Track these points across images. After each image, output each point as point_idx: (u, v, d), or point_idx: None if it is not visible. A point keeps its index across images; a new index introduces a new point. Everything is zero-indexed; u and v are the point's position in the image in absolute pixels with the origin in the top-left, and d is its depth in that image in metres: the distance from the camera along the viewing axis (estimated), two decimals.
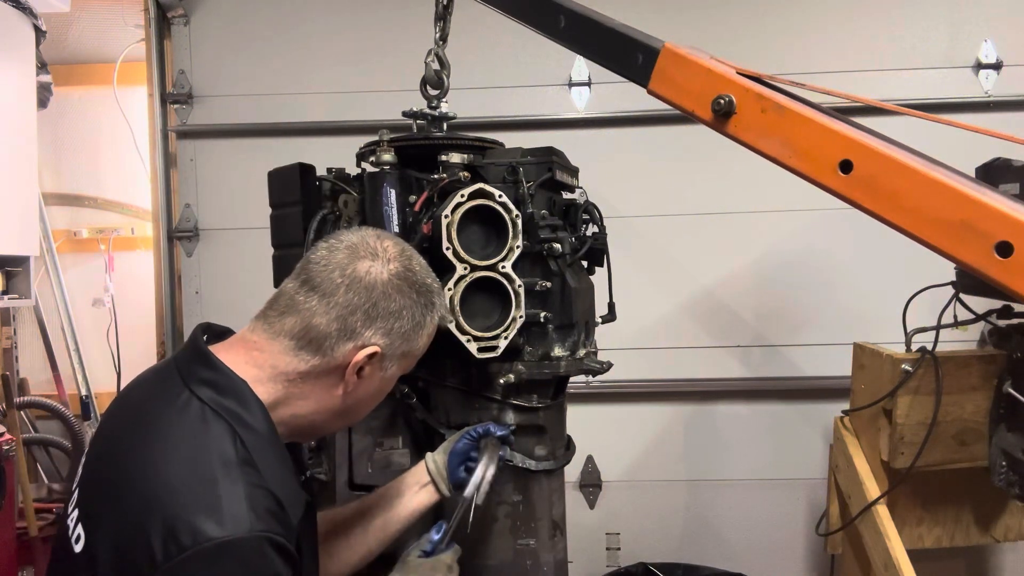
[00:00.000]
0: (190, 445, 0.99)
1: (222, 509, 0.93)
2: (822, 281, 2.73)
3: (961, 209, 1.02)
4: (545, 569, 1.60)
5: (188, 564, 0.90)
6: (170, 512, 0.92)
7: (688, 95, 1.28)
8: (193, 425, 1.00)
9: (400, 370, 1.16)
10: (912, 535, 2.20)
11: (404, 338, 1.12)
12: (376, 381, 1.13)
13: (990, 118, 2.67)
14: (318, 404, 1.10)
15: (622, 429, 2.81)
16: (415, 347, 1.15)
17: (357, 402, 1.14)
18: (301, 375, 1.08)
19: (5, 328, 3.14)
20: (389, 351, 1.11)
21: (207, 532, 0.91)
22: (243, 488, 0.96)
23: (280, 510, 0.99)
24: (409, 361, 1.17)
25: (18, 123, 2.56)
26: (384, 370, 1.13)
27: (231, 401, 1.03)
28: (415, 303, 1.12)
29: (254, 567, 0.93)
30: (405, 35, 2.71)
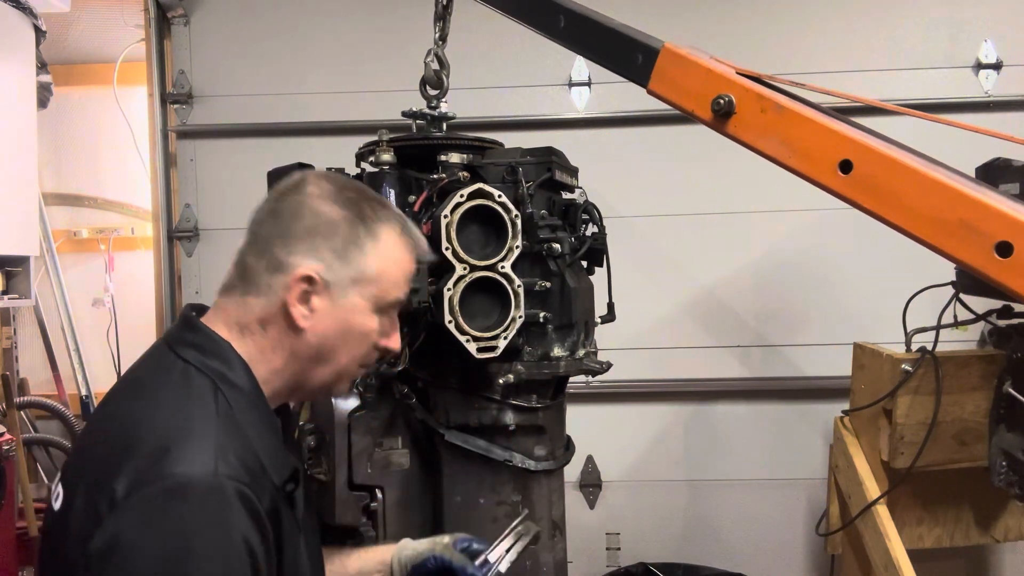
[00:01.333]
0: (171, 398, 0.98)
1: (191, 453, 0.91)
2: (822, 281, 2.73)
3: (961, 209, 1.02)
4: (545, 569, 1.60)
5: (145, 500, 0.87)
6: (136, 450, 0.90)
7: (688, 95, 1.28)
8: (176, 382, 1.00)
9: (365, 300, 1.07)
10: (912, 535, 2.20)
11: (340, 257, 1.05)
12: (334, 313, 1.05)
13: (990, 118, 2.66)
14: (286, 353, 1.06)
15: (622, 429, 2.81)
16: (366, 267, 1.06)
17: (322, 340, 1.06)
18: (260, 324, 1.05)
19: (5, 328, 3.15)
20: (329, 275, 1.04)
21: (169, 470, 0.88)
22: (217, 437, 0.94)
23: (259, 468, 0.96)
24: (375, 289, 1.07)
25: (18, 123, 2.56)
26: (336, 299, 1.05)
27: (215, 361, 1.02)
28: (340, 217, 1.05)
29: (211, 511, 0.89)
30: (405, 35, 2.70)
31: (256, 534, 0.92)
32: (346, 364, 1.10)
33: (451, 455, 1.57)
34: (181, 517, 0.88)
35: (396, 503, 1.60)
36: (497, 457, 1.54)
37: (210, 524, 0.89)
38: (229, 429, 0.96)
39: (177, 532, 0.87)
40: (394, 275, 1.10)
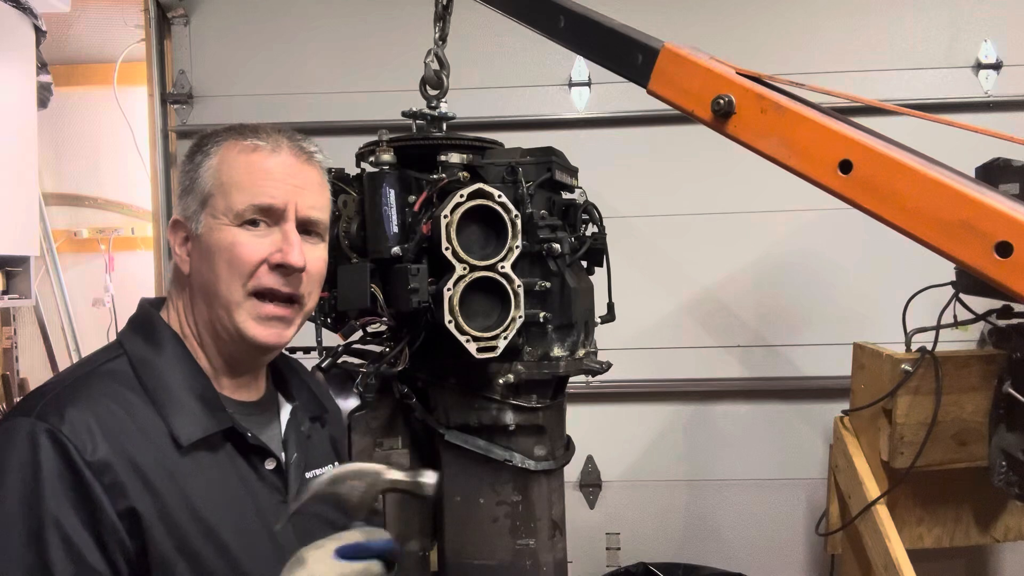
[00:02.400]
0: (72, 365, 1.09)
1: (34, 396, 0.99)
2: (822, 281, 2.73)
3: (961, 209, 1.02)
4: (545, 569, 1.60)
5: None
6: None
7: (688, 95, 1.28)
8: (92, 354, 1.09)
9: (217, 216, 1.05)
10: (912, 535, 2.20)
11: (188, 192, 1.09)
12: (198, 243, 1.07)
13: (990, 118, 2.66)
14: (188, 300, 1.09)
15: (622, 429, 2.81)
16: (203, 185, 1.07)
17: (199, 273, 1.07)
18: (174, 284, 1.12)
19: (5, 328, 3.14)
20: (187, 212, 1.08)
21: (8, 413, 0.99)
22: (68, 387, 0.99)
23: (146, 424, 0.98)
24: (219, 200, 1.05)
25: (18, 123, 2.56)
26: (196, 230, 1.06)
27: (139, 332, 1.09)
28: (186, 159, 1.12)
29: (14, 451, 0.91)
30: (405, 35, 2.71)
31: (72, 481, 0.91)
32: (230, 293, 1.04)
33: (451, 455, 1.57)
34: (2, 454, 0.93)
35: (396, 503, 1.60)
36: (497, 457, 1.54)
37: (18, 462, 0.91)
38: (99, 390, 0.99)
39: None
40: (234, 178, 1.05)
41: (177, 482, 0.98)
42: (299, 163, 1.10)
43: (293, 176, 1.08)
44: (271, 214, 1.06)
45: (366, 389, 1.52)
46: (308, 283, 1.08)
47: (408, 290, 1.43)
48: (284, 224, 1.06)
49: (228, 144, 1.09)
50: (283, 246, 1.05)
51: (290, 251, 1.04)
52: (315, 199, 1.10)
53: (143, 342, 1.07)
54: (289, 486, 1.09)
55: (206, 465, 1.02)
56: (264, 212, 1.05)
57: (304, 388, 1.24)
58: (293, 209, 1.06)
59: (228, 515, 1.01)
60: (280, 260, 1.04)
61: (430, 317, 1.47)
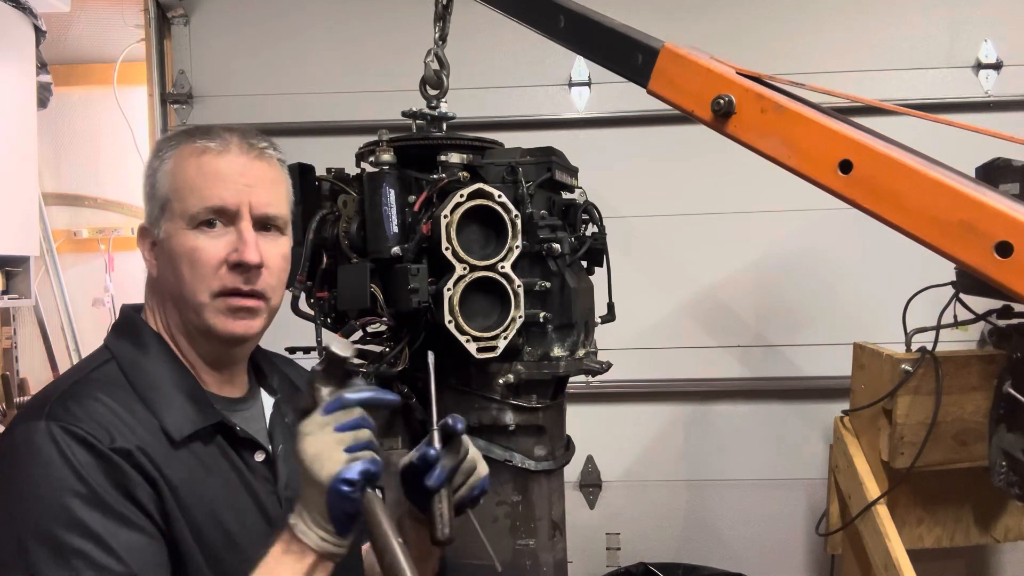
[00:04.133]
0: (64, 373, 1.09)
1: (36, 403, 0.99)
2: (822, 281, 2.73)
3: (961, 209, 1.02)
4: (545, 569, 1.60)
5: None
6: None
7: (688, 95, 1.28)
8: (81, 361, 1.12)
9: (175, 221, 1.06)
10: (912, 535, 2.20)
11: (149, 198, 1.10)
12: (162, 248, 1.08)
13: (990, 118, 2.66)
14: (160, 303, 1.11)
15: (622, 429, 2.81)
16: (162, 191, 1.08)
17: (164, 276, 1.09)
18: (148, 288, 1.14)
19: (5, 328, 3.14)
20: (151, 220, 1.10)
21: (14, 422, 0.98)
22: (67, 387, 1.00)
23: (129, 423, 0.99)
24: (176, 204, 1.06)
25: (18, 123, 2.56)
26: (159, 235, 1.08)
27: (125, 336, 1.10)
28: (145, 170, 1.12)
29: (38, 452, 0.92)
30: (405, 35, 2.70)
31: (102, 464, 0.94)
32: (195, 296, 1.06)
33: None
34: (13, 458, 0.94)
35: (396, 503, 1.59)
36: (497, 457, 1.54)
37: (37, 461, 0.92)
38: (97, 392, 1.00)
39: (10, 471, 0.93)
40: (186, 182, 1.06)
41: (180, 477, 1.00)
42: (249, 160, 1.09)
43: (243, 175, 1.08)
44: (225, 214, 1.06)
45: None
46: (269, 277, 1.10)
47: (408, 290, 1.43)
48: (240, 223, 1.07)
49: (180, 148, 1.09)
50: (239, 245, 1.06)
51: (245, 249, 1.05)
52: (268, 195, 1.10)
53: (130, 345, 1.09)
54: (279, 476, 1.13)
55: (202, 459, 1.04)
56: (218, 213, 1.06)
57: (285, 380, 1.26)
58: (247, 207, 1.07)
59: (231, 506, 1.05)
60: (237, 259, 1.05)
61: (430, 317, 1.47)
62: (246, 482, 1.08)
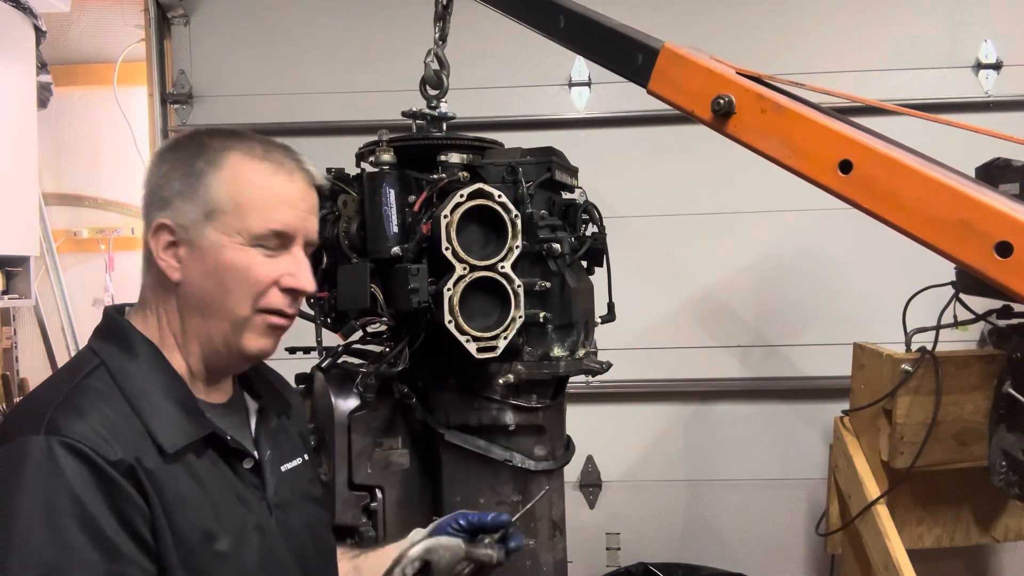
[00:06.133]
0: (49, 381, 1.04)
1: (26, 416, 0.95)
2: (822, 281, 2.73)
3: (961, 209, 1.02)
4: (545, 569, 1.60)
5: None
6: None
7: (688, 95, 1.28)
8: (64, 367, 1.06)
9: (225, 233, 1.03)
10: (912, 535, 2.20)
11: (184, 196, 1.04)
12: (199, 255, 1.04)
13: (990, 118, 2.66)
14: (176, 313, 1.06)
15: (622, 429, 2.81)
16: (213, 197, 1.03)
17: (199, 288, 1.04)
18: (151, 292, 1.08)
19: (5, 328, 3.14)
20: (181, 218, 1.04)
21: (8, 432, 0.94)
22: (62, 398, 0.96)
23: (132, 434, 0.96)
24: (233, 219, 1.03)
25: (18, 123, 2.56)
26: (195, 241, 1.03)
27: (112, 341, 1.05)
28: (174, 160, 1.06)
29: (36, 469, 0.89)
30: (405, 35, 2.69)
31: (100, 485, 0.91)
32: (238, 310, 1.05)
33: (451, 455, 1.57)
34: (9, 475, 0.90)
35: (396, 503, 1.60)
36: (497, 457, 1.54)
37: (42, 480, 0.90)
38: (91, 400, 0.97)
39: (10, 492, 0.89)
40: (253, 200, 1.04)
41: (175, 491, 0.98)
42: (309, 189, 1.12)
43: (305, 202, 1.10)
44: (283, 237, 1.07)
45: (366, 389, 1.52)
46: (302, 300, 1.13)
47: (408, 290, 1.43)
48: (293, 248, 1.08)
49: (238, 157, 1.06)
50: (294, 270, 1.07)
51: (301, 276, 1.08)
52: (316, 223, 1.13)
53: (117, 350, 1.04)
54: (266, 482, 1.11)
55: (195, 472, 1.01)
56: (278, 236, 1.06)
57: (267, 384, 1.24)
58: (303, 234, 1.09)
59: (225, 522, 1.02)
60: (294, 284, 1.07)
61: (430, 317, 1.47)
62: (238, 493, 1.06)
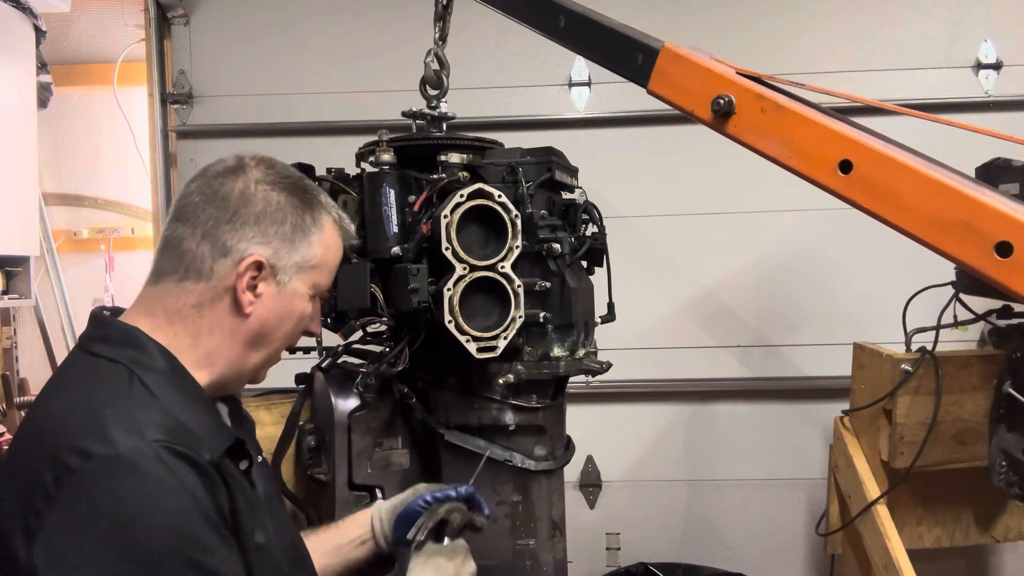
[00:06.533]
0: (81, 390, 0.97)
1: (109, 428, 0.89)
2: (822, 281, 2.73)
3: (961, 209, 1.02)
4: (545, 569, 1.60)
5: (80, 485, 0.86)
6: (56, 443, 0.89)
7: (688, 95, 1.28)
8: (85, 376, 0.99)
9: (306, 286, 1.09)
10: (912, 535, 2.20)
11: (288, 243, 1.06)
12: (278, 298, 1.07)
13: (990, 118, 2.66)
14: (225, 335, 1.05)
15: (622, 429, 2.81)
16: (311, 254, 1.08)
17: (263, 324, 1.07)
18: (195, 308, 1.04)
19: (5, 328, 3.14)
20: (276, 260, 1.06)
21: (93, 451, 0.87)
22: (136, 411, 0.93)
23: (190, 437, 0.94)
24: (315, 275, 1.10)
25: (18, 123, 2.56)
26: (281, 284, 1.07)
27: (127, 348, 1.00)
28: (287, 203, 1.07)
29: (153, 477, 0.88)
30: (404, 35, 2.71)
31: (205, 492, 0.92)
32: (279, 348, 1.13)
33: (451, 455, 1.57)
34: (120, 492, 0.87)
35: None
36: (497, 457, 1.54)
37: (153, 491, 0.88)
38: (145, 405, 0.95)
39: (118, 506, 0.86)
40: (332, 263, 1.15)
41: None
42: None
43: None
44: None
45: (366, 389, 1.52)
46: None
47: (408, 290, 1.42)
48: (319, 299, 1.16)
49: (329, 219, 1.13)
50: (317, 319, 1.18)
51: (319, 323, 1.20)
52: None
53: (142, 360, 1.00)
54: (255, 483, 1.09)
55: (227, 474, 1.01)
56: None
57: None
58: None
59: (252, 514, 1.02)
60: (315, 330, 1.19)
61: (430, 317, 1.47)
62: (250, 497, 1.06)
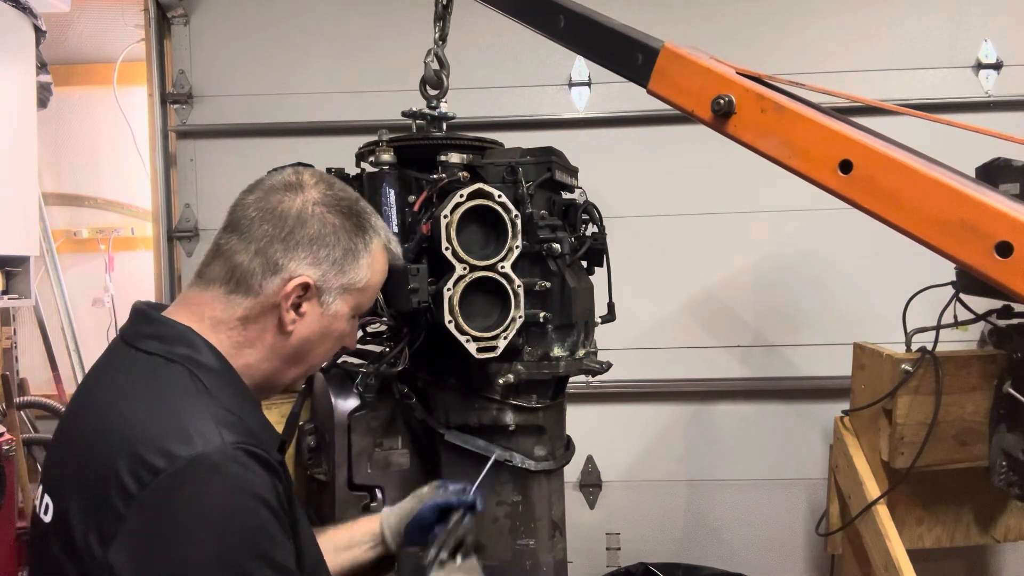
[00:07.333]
0: (145, 386, 0.97)
1: (189, 429, 0.90)
2: (822, 281, 2.73)
3: (961, 209, 1.02)
4: (545, 569, 1.60)
5: (164, 486, 0.86)
6: (135, 444, 0.89)
7: (688, 95, 1.28)
8: (145, 372, 0.99)
9: (349, 307, 1.09)
10: (912, 535, 2.20)
11: (337, 266, 1.06)
12: (320, 319, 1.07)
13: (990, 118, 2.66)
14: (265, 350, 1.06)
15: (622, 429, 2.81)
16: (358, 278, 1.08)
17: (303, 342, 1.07)
18: (240, 320, 1.04)
19: (5, 328, 3.14)
20: (323, 282, 1.06)
21: (177, 452, 0.88)
22: (209, 411, 0.94)
23: (254, 433, 0.96)
24: (359, 297, 1.10)
25: (18, 123, 2.56)
26: (325, 305, 1.07)
27: (180, 347, 1.00)
28: (340, 227, 1.07)
29: (235, 478, 0.89)
30: (405, 35, 2.71)
31: (274, 490, 0.93)
32: (317, 365, 1.15)
33: (451, 455, 1.57)
34: (205, 493, 0.88)
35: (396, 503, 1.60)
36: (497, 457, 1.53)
37: (235, 491, 0.89)
38: (215, 404, 0.95)
39: (206, 508, 0.88)
40: (376, 285, 1.14)
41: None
42: None
43: None
44: None
45: (366, 389, 1.52)
46: None
47: (408, 290, 1.43)
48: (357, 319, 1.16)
49: (379, 243, 1.13)
50: (354, 336, 1.18)
51: (354, 341, 1.19)
52: None
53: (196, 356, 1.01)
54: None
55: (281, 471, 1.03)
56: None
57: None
58: None
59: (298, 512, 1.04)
60: (352, 346, 1.18)
61: (430, 317, 1.47)
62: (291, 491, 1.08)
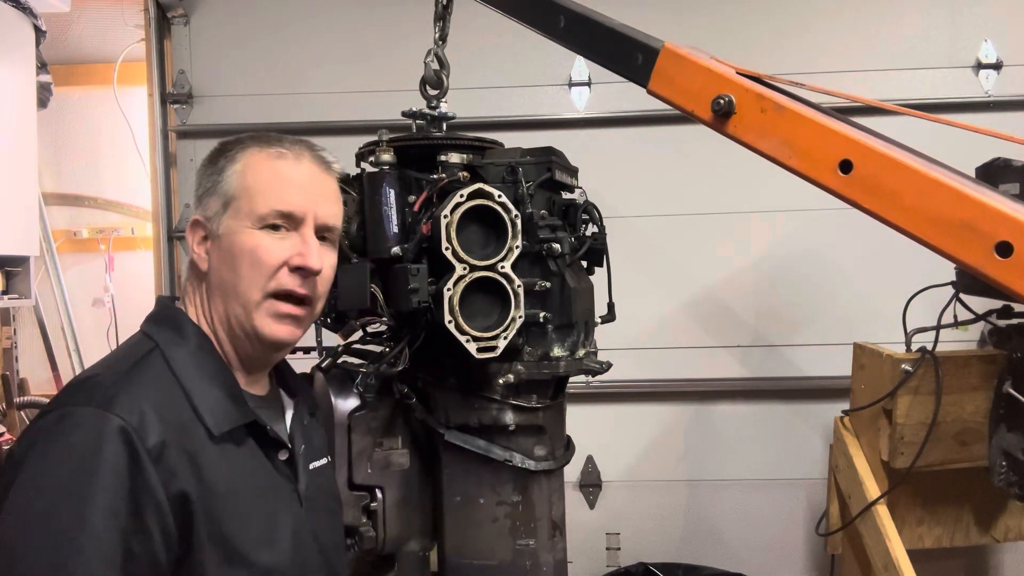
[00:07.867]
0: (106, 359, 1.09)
1: (88, 391, 0.99)
2: (822, 281, 2.73)
3: (961, 209, 1.02)
4: (545, 569, 1.60)
5: (39, 427, 0.98)
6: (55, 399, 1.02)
7: (688, 95, 1.28)
8: (120, 347, 1.12)
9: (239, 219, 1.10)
10: (912, 535, 2.20)
11: (210, 193, 1.12)
12: (220, 243, 1.11)
13: (990, 118, 2.66)
14: (205, 296, 1.13)
15: (622, 429, 2.81)
16: (229, 188, 1.11)
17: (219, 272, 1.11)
18: (189, 282, 1.16)
19: (5, 328, 3.14)
20: (205, 212, 1.12)
21: (63, 401, 0.99)
22: (121, 382, 1.00)
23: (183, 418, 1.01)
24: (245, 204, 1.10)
25: (18, 123, 2.56)
26: (217, 231, 1.11)
27: (165, 327, 1.11)
28: (206, 163, 1.16)
29: (81, 439, 0.94)
30: (405, 35, 2.71)
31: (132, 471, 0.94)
32: (249, 293, 1.09)
33: (451, 455, 1.57)
34: (58, 441, 0.95)
35: (396, 503, 1.60)
36: (497, 457, 1.54)
37: (84, 450, 0.94)
38: (147, 380, 1.02)
39: (55, 453, 0.94)
40: (258, 184, 1.11)
41: (213, 470, 1.02)
42: (320, 172, 1.16)
43: (314, 185, 1.14)
44: (291, 220, 1.11)
45: (366, 389, 1.52)
46: (320, 285, 1.15)
47: (408, 290, 1.43)
48: (303, 229, 1.12)
49: (253, 150, 1.13)
50: (303, 249, 1.11)
51: (309, 255, 1.11)
52: (332, 208, 1.17)
53: (171, 335, 1.09)
54: (299, 476, 1.17)
55: (233, 455, 1.06)
56: (285, 217, 1.11)
57: (301, 384, 1.31)
58: (312, 216, 1.13)
59: (257, 503, 1.07)
60: (300, 263, 1.10)
61: (430, 317, 1.47)
62: (273, 482, 1.12)
